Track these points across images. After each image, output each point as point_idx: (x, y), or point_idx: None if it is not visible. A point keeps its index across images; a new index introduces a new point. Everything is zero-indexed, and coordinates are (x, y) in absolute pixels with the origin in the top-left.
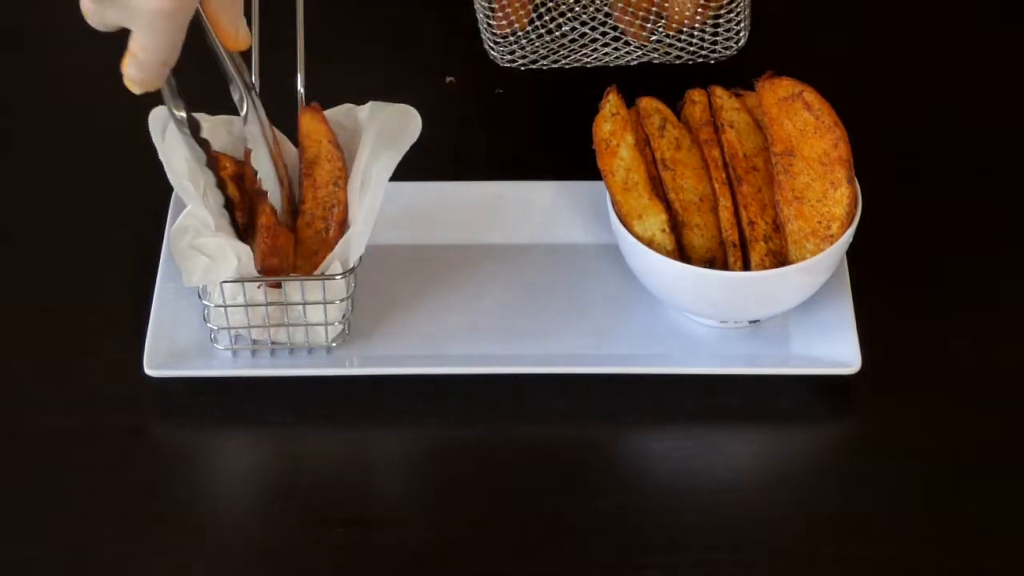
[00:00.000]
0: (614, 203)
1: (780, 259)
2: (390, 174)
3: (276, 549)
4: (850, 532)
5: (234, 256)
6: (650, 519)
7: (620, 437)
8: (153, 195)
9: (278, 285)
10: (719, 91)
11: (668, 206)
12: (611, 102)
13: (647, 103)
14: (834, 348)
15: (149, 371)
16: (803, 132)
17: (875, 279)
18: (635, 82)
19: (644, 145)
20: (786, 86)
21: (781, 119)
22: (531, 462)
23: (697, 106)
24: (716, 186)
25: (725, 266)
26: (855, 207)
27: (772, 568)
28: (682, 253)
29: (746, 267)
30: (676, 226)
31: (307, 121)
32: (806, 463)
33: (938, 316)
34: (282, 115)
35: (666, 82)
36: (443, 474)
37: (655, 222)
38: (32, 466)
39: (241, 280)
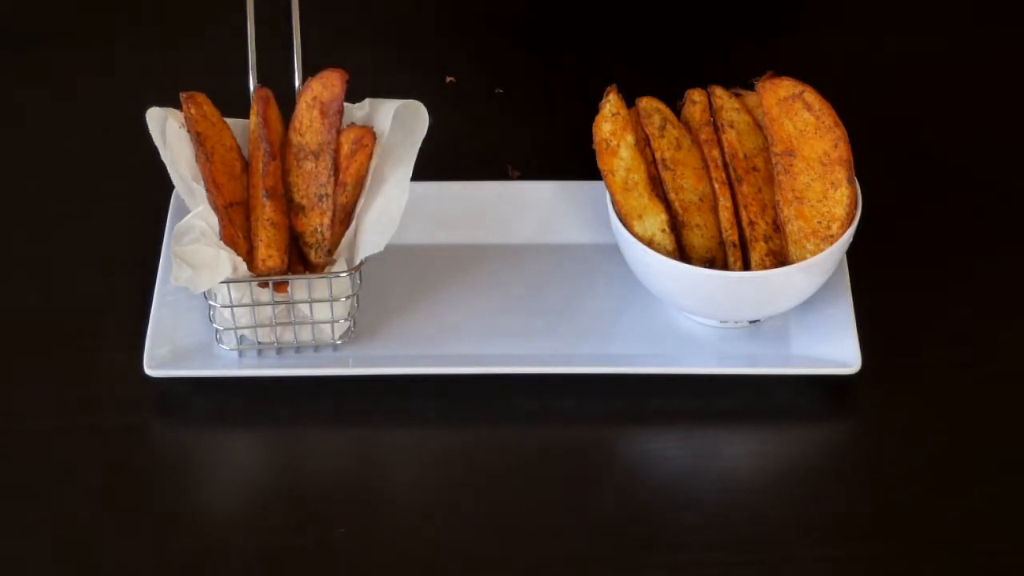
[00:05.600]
0: (614, 203)
1: (780, 259)
2: (409, 173)
3: (276, 549)
4: (850, 532)
5: (229, 264)
6: (650, 519)
7: (620, 437)
8: (153, 195)
9: (284, 285)
10: (719, 91)
11: (668, 206)
12: (611, 102)
13: (647, 103)
14: (834, 348)
15: (149, 371)
16: (803, 132)
17: (875, 279)
18: (635, 82)
19: (644, 145)
20: (786, 86)
21: (781, 119)
22: (532, 462)
23: (697, 106)
24: (716, 186)
25: (725, 266)
26: (855, 207)
27: (772, 568)
28: (682, 253)
29: (746, 267)
30: (676, 226)
31: None
32: (806, 463)
33: (938, 316)
34: (281, 115)
35: (666, 82)
36: (443, 473)
37: (655, 222)
38: (32, 466)
39: (249, 280)
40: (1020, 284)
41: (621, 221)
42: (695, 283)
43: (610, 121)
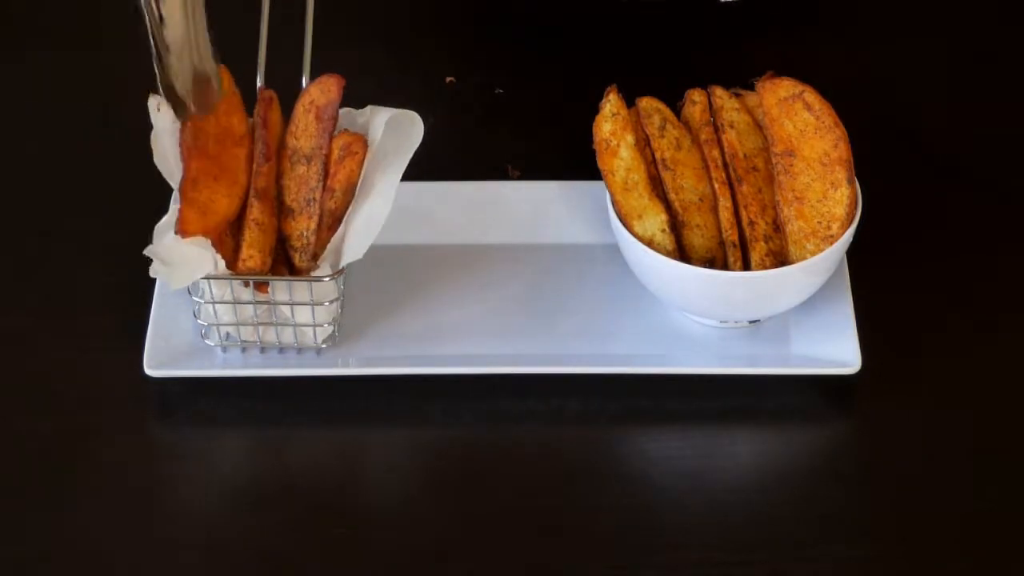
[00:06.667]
0: (614, 203)
1: (780, 259)
2: (396, 182)
3: (275, 549)
4: (850, 532)
5: (210, 262)
6: (650, 519)
7: (619, 437)
8: (153, 195)
9: (265, 286)
10: (719, 91)
11: (668, 206)
12: (611, 102)
13: (647, 103)
14: (834, 348)
15: (149, 371)
16: (803, 132)
17: (875, 279)
18: (635, 82)
19: (644, 145)
20: (786, 86)
21: (781, 119)
22: (530, 462)
23: (697, 106)
24: (716, 186)
25: (725, 266)
26: (855, 207)
27: (772, 568)
28: (682, 253)
29: (746, 267)
30: (676, 226)
31: None
32: (806, 463)
33: (938, 316)
34: (286, 116)
35: (666, 82)
36: (442, 474)
37: (655, 222)
38: (32, 466)
39: (229, 278)
40: (1020, 284)
41: (621, 221)
42: (695, 283)
43: (610, 121)
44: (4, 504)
